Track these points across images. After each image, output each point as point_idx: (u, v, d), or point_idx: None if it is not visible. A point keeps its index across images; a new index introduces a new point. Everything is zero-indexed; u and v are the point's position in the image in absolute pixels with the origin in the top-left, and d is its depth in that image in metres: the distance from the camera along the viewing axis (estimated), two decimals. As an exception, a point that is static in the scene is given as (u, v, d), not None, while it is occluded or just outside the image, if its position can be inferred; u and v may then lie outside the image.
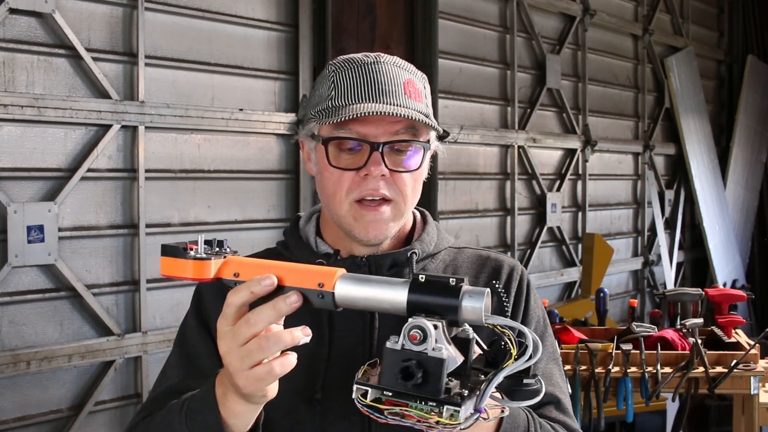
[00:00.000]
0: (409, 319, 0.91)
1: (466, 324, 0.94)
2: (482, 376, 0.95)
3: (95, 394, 2.96)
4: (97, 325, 2.99)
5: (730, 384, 2.71)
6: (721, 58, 7.95)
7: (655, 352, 2.77)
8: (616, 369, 2.76)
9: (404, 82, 1.29)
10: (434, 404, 0.88)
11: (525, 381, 0.98)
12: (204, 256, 1.02)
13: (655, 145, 6.63)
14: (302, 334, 0.99)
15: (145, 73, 3.08)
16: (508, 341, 0.93)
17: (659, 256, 6.70)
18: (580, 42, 5.76)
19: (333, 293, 0.97)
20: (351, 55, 1.33)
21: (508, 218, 5.07)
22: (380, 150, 1.25)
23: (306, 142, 1.35)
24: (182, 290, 3.21)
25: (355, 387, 0.94)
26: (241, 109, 3.41)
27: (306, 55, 3.67)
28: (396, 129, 1.26)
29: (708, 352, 2.77)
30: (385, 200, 1.27)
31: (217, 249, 1.05)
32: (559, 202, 5.45)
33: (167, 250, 1.02)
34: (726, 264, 7.13)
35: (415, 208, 1.40)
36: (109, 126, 2.98)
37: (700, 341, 2.83)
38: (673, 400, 2.80)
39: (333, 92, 1.28)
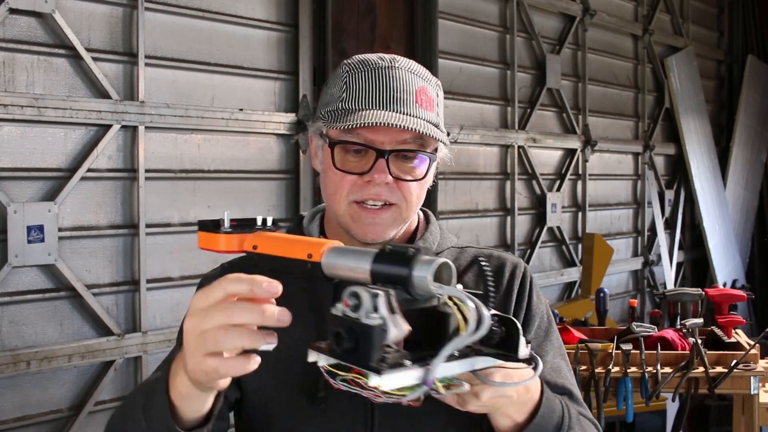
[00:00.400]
0: (349, 287, 0.91)
1: (447, 296, 0.93)
2: (457, 353, 0.94)
3: (95, 394, 2.96)
4: (97, 325, 2.99)
5: (730, 384, 2.71)
6: (721, 58, 7.95)
7: (655, 352, 2.77)
8: (616, 369, 2.76)
9: (417, 89, 1.27)
10: (366, 374, 0.88)
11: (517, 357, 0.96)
12: (231, 230, 1.07)
13: (655, 145, 6.63)
14: (264, 341, 0.94)
15: (145, 73, 3.08)
16: (459, 316, 0.91)
17: (659, 256, 6.70)
18: (580, 42, 5.76)
19: (320, 264, 0.98)
20: (366, 56, 1.31)
21: (508, 218, 5.07)
22: (386, 158, 1.25)
23: (314, 139, 1.36)
24: (182, 290, 3.21)
25: (309, 351, 0.94)
26: (241, 109, 3.41)
27: (306, 55, 3.67)
28: (404, 138, 1.25)
29: (708, 352, 2.77)
30: (387, 205, 1.27)
31: (260, 226, 1.09)
32: (559, 202, 5.45)
33: (203, 225, 1.09)
34: (726, 264, 7.12)
35: (420, 209, 1.41)
36: (109, 126, 2.98)
37: (700, 341, 2.83)
38: (673, 400, 2.80)
39: (344, 94, 1.27)
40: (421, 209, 1.43)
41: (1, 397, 2.74)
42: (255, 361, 0.95)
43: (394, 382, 0.87)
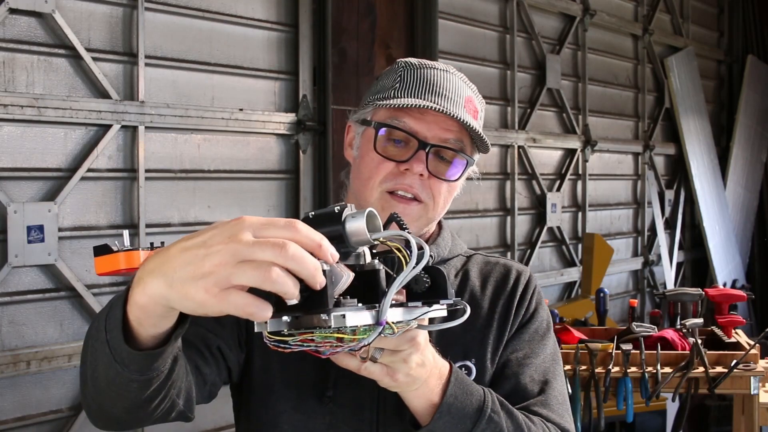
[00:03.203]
0: None
1: (366, 253, 0.94)
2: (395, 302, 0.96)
3: (95, 394, 2.95)
4: (97, 325, 2.98)
5: (730, 384, 2.71)
6: (721, 58, 7.95)
7: (655, 352, 2.77)
8: (616, 369, 2.76)
9: (467, 97, 1.33)
10: (325, 316, 0.87)
11: (443, 302, 0.99)
12: (131, 247, 1.06)
13: (655, 145, 6.63)
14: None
15: (145, 73, 3.08)
16: (399, 255, 0.94)
17: (659, 256, 6.70)
18: (580, 42, 5.76)
19: None
20: (423, 60, 1.37)
21: (508, 218, 5.07)
22: (427, 150, 1.28)
23: (354, 127, 1.38)
24: (182, 290, 3.21)
25: (255, 323, 0.90)
26: (241, 109, 3.41)
27: (306, 55, 3.67)
28: (447, 137, 1.30)
29: (708, 352, 2.78)
30: (416, 200, 1.30)
31: (158, 246, 1.07)
32: (559, 202, 5.45)
33: (97, 251, 1.07)
34: (726, 264, 7.13)
35: None
36: (109, 126, 2.98)
37: (700, 341, 2.83)
38: (673, 400, 2.80)
39: (398, 84, 1.32)
40: None
41: (1, 397, 2.74)
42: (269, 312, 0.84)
43: (353, 319, 0.88)
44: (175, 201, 3.23)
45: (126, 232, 1.07)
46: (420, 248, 0.92)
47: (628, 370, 2.74)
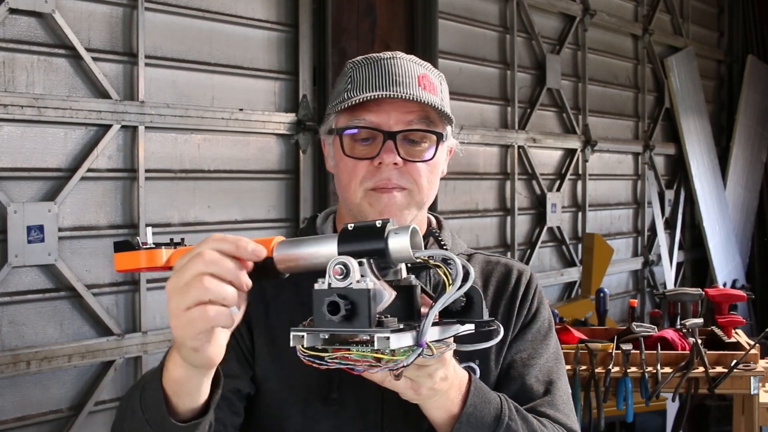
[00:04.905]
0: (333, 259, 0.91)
1: (402, 268, 0.94)
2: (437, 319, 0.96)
3: (95, 394, 2.95)
4: (97, 325, 2.99)
5: (730, 384, 2.71)
6: (721, 58, 7.95)
7: (655, 352, 2.77)
8: (616, 369, 2.76)
9: (419, 75, 1.31)
10: (367, 336, 0.87)
11: (479, 323, 1.00)
12: (153, 245, 1.04)
13: (655, 145, 6.63)
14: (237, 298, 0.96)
15: (145, 73, 3.08)
16: (442, 274, 0.93)
17: (659, 256, 6.70)
18: (580, 42, 5.76)
19: (272, 258, 0.97)
20: (370, 54, 1.35)
21: (508, 218, 5.07)
22: (394, 138, 1.26)
23: (325, 140, 1.38)
24: (182, 290, 3.21)
25: (291, 335, 0.91)
26: (241, 109, 3.41)
27: (306, 55, 3.67)
28: (410, 119, 1.28)
29: (708, 352, 2.78)
30: (399, 188, 1.29)
31: (177, 243, 1.07)
32: (559, 202, 5.45)
33: (118, 246, 1.06)
34: (726, 264, 7.12)
35: (430, 214, 1.44)
36: (109, 126, 2.98)
37: (700, 341, 2.83)
38: (673, 400, 2.81)
39: (349, 86, 1.30)
40: (433, 214, 1.46)
41: (1, 397, 2.74)
42: (238, 316, 0.96)
43: (400, 341, 0.87)
44: (175, 201, 3.23)
45: (149, 229, 1.06)
46: (465, 272, 0.92)
47: (628, 370, 2.74)
